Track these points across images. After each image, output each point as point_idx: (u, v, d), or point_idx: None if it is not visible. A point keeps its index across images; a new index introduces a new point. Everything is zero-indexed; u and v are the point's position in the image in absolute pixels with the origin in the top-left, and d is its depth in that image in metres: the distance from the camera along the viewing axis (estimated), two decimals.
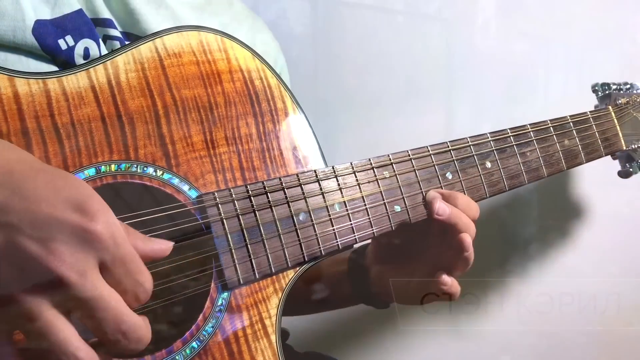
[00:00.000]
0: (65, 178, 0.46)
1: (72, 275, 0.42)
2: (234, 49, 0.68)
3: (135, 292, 0.46)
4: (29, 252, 0.42)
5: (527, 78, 1.29)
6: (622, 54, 1.27)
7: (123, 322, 0.45)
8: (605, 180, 1.12)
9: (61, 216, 0.43)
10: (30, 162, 0.47)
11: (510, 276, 1.33)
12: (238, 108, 0.66)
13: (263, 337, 0.62)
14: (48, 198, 0.44)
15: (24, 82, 0.55)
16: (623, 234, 1.28)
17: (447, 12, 1.29)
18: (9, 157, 0.46)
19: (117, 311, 0.45)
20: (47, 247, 0.42)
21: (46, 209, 0.43)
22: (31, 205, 0.43)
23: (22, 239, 0.42)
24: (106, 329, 0.44)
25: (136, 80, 0.61)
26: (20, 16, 0.62)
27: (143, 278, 0.47)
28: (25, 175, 0.44)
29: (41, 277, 0.42)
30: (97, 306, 0.44)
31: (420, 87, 1.31)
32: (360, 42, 1.31)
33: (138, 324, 0.46)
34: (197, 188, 0.62)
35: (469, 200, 0.75)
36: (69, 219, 0.43)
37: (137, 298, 0.47)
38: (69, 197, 0.44)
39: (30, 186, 0.44)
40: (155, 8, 0.75)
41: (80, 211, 0.44)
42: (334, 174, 0.69)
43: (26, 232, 0.42)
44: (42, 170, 0.46)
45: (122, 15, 0.72)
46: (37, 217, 0.43)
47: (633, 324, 1.29)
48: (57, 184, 0.45)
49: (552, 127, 0.90)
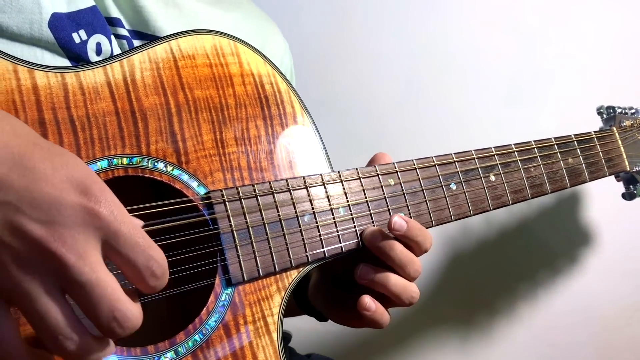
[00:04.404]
0: (62, 155, 0.45)
1: (71, 257, 0.41)
2: (246, 54, 0.70)
3: (149, 268, 0.45)
4: (30, 233, 0.41)
5: (528, 78, 1.31)
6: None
7: (117, 309, 0.43)
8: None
9: (61, 196, 0.42)
10: (26, 136, 0.45)
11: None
12: (248, 110, 0.68)
13: (265, 335, 0.63)
14: (47, 176, 0.42)
15: (43, 75, 0.57)
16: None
17: (448, 15, 1.32)
18: (4, 129, 0.44)
19: (112, 297, 0.43)
20: (48, 228, 0.41)
21: (46, 188, 0.42)
22: (30, 184, 0.42)
23: (22, 219, 0.41)
24: (100, 315, 0.43)
25: (151, 78, 0.63)
26: (38, 9, 0.64)
27: (154, 252, 0.45)
28: (22, 151, 0.43)
29: (40, 258, 0.41)
30: (93, 290, 0.42)
31: (420, 88, 1.33)
32: (360, 43, 1.33)
33: (133, 312, 0.44)
34: (206, 185, 0.63)
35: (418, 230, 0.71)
36: (69, 199, 0.42)
37: (153, 274, 0.45)
38: (68, 176, 0.43)
39: (28, 163, 0.42)
40: (164, 7, 0.77)
41: (81, 191, 0.43)
42: (340, 179, 0.71)
43: (26, 212, 0.41)
44: (38, 146, 0.44)
45: (131, 14, 0.74)
46: (37, 197, 0.41)
47: (633, 324, 1.28)
48: (54, 161, 0.43)
49: (557, 145, 0.91)
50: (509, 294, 1.34)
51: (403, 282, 0.70)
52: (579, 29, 1.30)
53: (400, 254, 0.68)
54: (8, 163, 0.42)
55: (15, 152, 0.42)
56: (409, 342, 1.34)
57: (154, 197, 0.60)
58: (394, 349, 1.34)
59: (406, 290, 0.70)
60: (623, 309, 1.30)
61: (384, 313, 0.70)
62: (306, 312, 0.88)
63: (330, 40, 1.34)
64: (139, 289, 0.47)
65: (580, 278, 1.32)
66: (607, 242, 1.31)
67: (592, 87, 1.28)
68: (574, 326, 1.32)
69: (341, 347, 1.32)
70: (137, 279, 0.45)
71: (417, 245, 0.70)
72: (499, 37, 1.30)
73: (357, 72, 1.34)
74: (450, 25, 1.32)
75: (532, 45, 1.30)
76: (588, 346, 1.31)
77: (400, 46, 1.32)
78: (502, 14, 1.30)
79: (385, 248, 0.68)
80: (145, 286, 0.46)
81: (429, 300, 1.30)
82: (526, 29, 1.30)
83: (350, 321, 0.75)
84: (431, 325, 1.35)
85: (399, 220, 0.68)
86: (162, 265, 0.46)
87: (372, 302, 0.69)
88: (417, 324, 1.34)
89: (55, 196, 0.42)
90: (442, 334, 1.35)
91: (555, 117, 1.28)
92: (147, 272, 0.45)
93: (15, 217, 0.41)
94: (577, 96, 1.28)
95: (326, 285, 0.81)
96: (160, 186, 0.62)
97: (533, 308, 1.33)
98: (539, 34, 1.30)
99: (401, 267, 0.69)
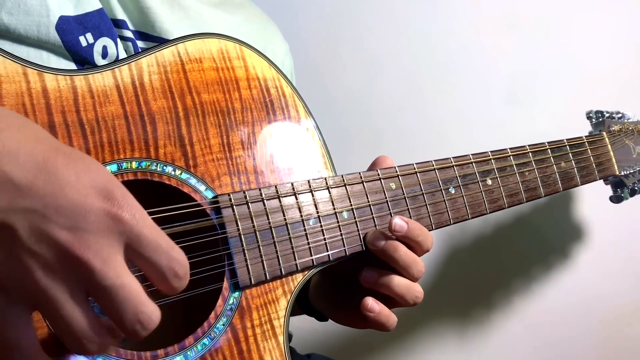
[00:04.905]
0: (83, 160, 0.45)
1: (97, 263, 0.42)
2: (251, 58, 0.71)
3: (172, 269, 0.46)
4: (57, 239, 0.41)
5: (527, 79, 1.33)
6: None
7: (141, 312, 0.44)
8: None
9: (85, 202, 0.43)
10: (48, 142, 0.45)
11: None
12: (254, 114, 0.69)
13: (271, 338, 0.64)
14: (71, 182, 0.43)
15: (53, 78, 0.57)
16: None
17: (449, 15, 1.33)
18: (27, 135, 0.44)
19: (137, 300, 0.44)
20: (74, 234, 0.42)
21: (70, 194, 0.42)
22: (56, 191, 0.42)
23: (49, 226, 0.41)
24: (124, 318, 0.43)
25: (159, 82, 0.63)
26: (45, 12, 0.64)
27: (176, 253, 0.46)
28: (46, 157, 0.43)
29: (67, 264, 0.42)
30: (118, 294, 0.43)
31: (419, 89, 1.34)
32: (360, 43, 1.34)
33: (156, 313, 0.45)
34: (213, 189, 0.63)
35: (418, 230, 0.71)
36: (93, 205, 0.43)
37: (176, 274, 0.46)
38: (91, 182, 0.44)
39: (52, 169, 0.43)
40: (170, 8, 0.77)
41: (104, 196, 0.43)
42: (343, 183, 0.72)
43: (52, 219, 0.41)
44: (61, 151, 0.44)
45: (137, 15, 0.74)
46: (62, 204, 0.42)
47: (633, 324, 1.32)
48: (77, 167, 0.44)
49: (550, 150, 0.93)
50: (504, 289, 1.36)
51: (407, 283, 0.71)
52: (579, 29, 1.31)
53: (404, 255, 0.69)
54: (33, 170, 0.42)
55: (39, 159, 0.43)
56: (407, 339, 1.36)
57: (158, 202, 0.60)
58: (391, 345, 1.36)
59: (410, 290, 0.71)
60: (620, 301, 1.33)
61: (390, 315, 0.71)
62: (306, 312, 0.89)
63: (330, 42, 1.34)
64: (161, 290, 0.47)
65: (572, 273, 1.34)
66: (601, 239, 1.33)
67: (591, 89, 1.30)
68: (568, 319, 1.34)
69: (341, 347, 1.33)
70: (160, 280, 0.46)
71: (419, 246, 0.71)
72: (498, 37, 1.32)
73: (356, 73, 1.34)
74: (449, 26, 1.33)
75: (532, 45, 1.31)
76: (584, 337, 1.34)
77: (400, 47, 1.33)
78: (502, 14, 1.32)
79: (389, 250, 0.69)
80: (168, 287, 0.47)
81: (427, 296, 1.32)
82: (526, 29, 1.31)
83: (354, 322, 0.76)
84: (429, 320, 1.36)
85: (400, 221, 0.69)
86: (184, 266, 0.47)
87: (375, 304, 0.70)
88: (416, 321, 1.35)
89: (80, 202, 0.42)
90: (440, 330, 1.37)
91: (554, 118, 1.30)
92: (170, 273, 0.46)
93: (42, 224, 0.41)
94: (576, 97, 1.30)
95: (328, 286, 0.82)
96: (166, 190, 0.62)
97: (529, 302, 1.35)
98: (539, 34, 1.31)
99: (405, 269, 0.70)
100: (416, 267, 0.70)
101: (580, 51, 1.31)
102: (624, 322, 1.33)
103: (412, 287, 0.71)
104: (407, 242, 0.70)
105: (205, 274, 0.61)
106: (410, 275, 0.70)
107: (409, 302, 0.71)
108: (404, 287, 0.70)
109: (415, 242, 0.70)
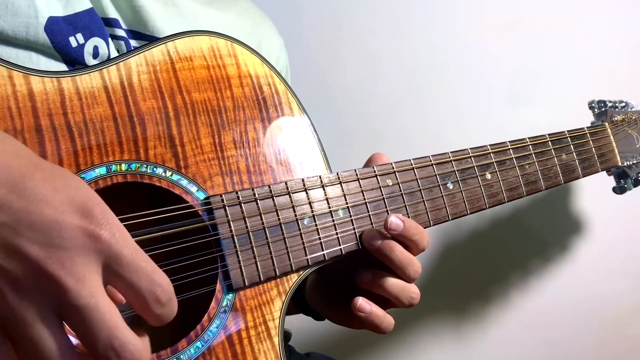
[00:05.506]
0: (64, 177, 0.44)
1: (69, 281, 0.40)
2: (243, 55, 0.69)
3: (153, 293, 0.43)
4: (27, 254, 0.40)
5: (527, 77, 1.32)
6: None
7: (116, 337, 0.41)
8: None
9: (61, 218, 0.41)
10: (27, 157, 0.44)
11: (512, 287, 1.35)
12: (246, 112, 0.68)
13: (266, 339, 0.63)
14: (47, 198, 0.41)
15: (39, 80, 0.56)
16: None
17: (449, 15, 1.31)
18: (6, 150, 0.43)
19: (111, 324, 0.41)
20: (46, 250, 0.40)
21: (45, 209, 0.41)
22: (30, 206, 0.40)
23: (19, 240, 0.40)
24: (97, 342, 0.41)
25: (148, 82, 0.62)
26: (34, 13, 0.63)
27: (158, 276, 0.44)
28: (23, 172, 0.42)
29: (37, 280, 0.40)
30: (91, 316, 0.40)
31: (418, 88, 1.33)
32: (358, 41, 1.33)
33: (133, 342, 0.42)
34: (205, 190, 0.62)
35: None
36: (70, 221, 0.41)
37: (157, 299, 0.44)
38: (69, 198, 0.42)
39: (28, 184, 0.41)
40: (164, 6, 0.76)
41: (82, 213, 0.42)
42: (339, 180, 0.70)
43: (24, 234, 0.40)
44: (40, 167, 0.43)
45: (130, 13, 0.73)
46: (36, 219, 0.40)
47: (633, 324, 1.31)
48: (56, 183, 0.42)
49: (551, 142, 0.92)
50: (501, 283, 1.35)
51: (401, 284, 0.70)
52: (579, 28, 1.29)
53: (400, 254, 0.68)
54: (8, 184, 0.41)
55: (16, 174, 0.41)
56: (406, 336, 1.35)
57: (150, 205, 0.59)
58: (389, 343, 1.35)
59: (404, 291, 0.70)
60: (618, 299, 1.32)
61: (384, 316, 0.70)
62: (302, 312, 0.88)
63: (327, 39, 1.32)
64: (145, 318, 0.45)
65: (572, 271, 1.33)
66: (601, 238, 1.32)
67: (591, 88, 1.28)
68: (567, 318, 1.33)
69: (341, 346, 1.33)
70: (141, 305, 0.44)
71: (415, 244, 0.70)
72: (499, 36, 1.30)
73: (354, 71, 1.33)
74: (449, 24, 1.31)
75: (533, 44, 1.30)
76: (582, 332, 1.33)
77: (398, 45, 1.31)
78: (502, 13, 1.30)
79: (385, 250, 0.68)
80: (150, 314, 0.44)
81: (424, 293, 1.31)
82: (526, 28, 1.30)
83: (350, 322, 0.76)
84: (427, 316, 1.36)
85: (395, 219, 0.68)
86: (168, 291, 0.44)
87: (365, 303, 0.69)
88: (413, 318, 1.35)
89: (55, 218, 0.41)
90: (437, 325, 1.36)
91: (554, 118, 1.28)
92: (151, 297, 0.43)
93: (12, 238, 0.40)
94: (577, 97, 1.28)
95: (324, 285, 0.81)
96: (158, 192, 0.61)
97: (527, 300, 1.35)
98: (540, 33, 1.30)
99: (401, 269, 0.69)
100: (412, 268, 0.69)
101: (581, 50, 1.30)
102: (624, 322, 1.32)
103: (407, 288, 0.70)
104: (403, 241, 0.69)
105: (198, 276, 0.61)
106: (406, 276, 0.69)
107: (404, 303, 0.70)
108: (399, 288, 0.69)
109: (411, 240, 0.69)
